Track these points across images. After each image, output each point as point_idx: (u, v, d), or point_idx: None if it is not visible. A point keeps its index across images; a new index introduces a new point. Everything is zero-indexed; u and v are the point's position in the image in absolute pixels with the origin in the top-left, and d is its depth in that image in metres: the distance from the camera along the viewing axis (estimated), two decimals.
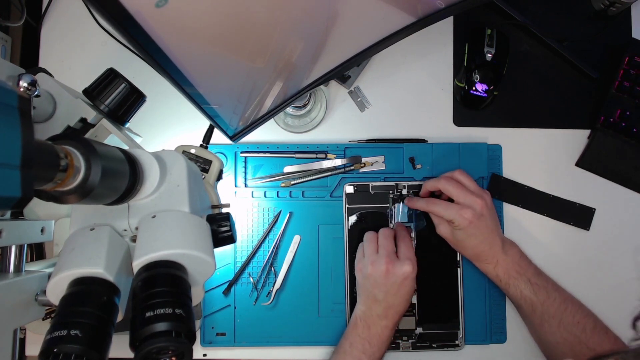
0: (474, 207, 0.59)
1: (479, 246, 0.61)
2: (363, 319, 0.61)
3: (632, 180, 0.69)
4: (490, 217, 0.61)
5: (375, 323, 0.60)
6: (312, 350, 0.67)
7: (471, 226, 0.59)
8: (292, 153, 0.69)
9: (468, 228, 0.59)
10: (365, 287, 0.61)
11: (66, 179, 0.29)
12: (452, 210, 0.59)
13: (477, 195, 0.60)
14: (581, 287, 0.64)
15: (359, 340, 0.60)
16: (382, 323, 0.60)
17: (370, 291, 0.60)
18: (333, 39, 0.51)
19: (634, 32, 0.72)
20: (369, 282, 0.60)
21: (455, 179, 0.62)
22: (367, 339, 0.60)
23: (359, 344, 0.60)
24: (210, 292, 0.67)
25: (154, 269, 0.34)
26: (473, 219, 0.59)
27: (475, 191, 0.61)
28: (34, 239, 0.45)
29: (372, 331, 0.60)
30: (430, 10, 0.56)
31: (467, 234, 0.60)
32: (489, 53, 0.67)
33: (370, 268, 0.60)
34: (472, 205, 0.59)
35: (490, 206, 0.61)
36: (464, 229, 0.59)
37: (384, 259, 0.59)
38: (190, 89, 0.43)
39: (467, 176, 0.62)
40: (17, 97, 0.26)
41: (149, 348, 0.30)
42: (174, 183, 0.39)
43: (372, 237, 0.64)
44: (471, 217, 0.58)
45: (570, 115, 0.71)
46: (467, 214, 0.58)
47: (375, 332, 0.60)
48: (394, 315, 0.60)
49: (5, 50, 0.71)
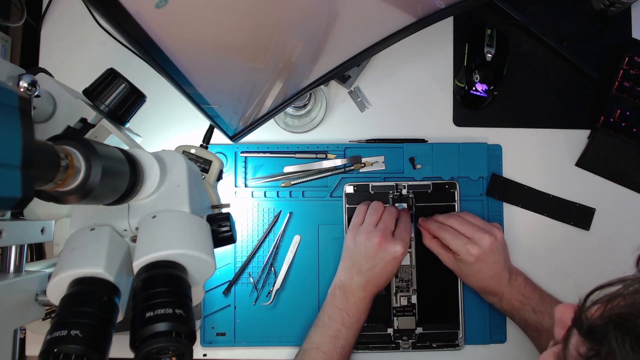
0: (481, 244, 0.59)
1: (484, 281, 0.61)
2: (342, 288, 0.61)
3: (632, 180, 0.69)
4: (499, 252, 0.60)
5: (354, 293, 0.61)
6: None
7: (478, 262, 0.59)
8: (292, 153, 0.69)
9: (475, 264, 0.59)
10: (352, 254, 0.61)
11: (66, 180, 0.29)
12: (459, 242, 0.59)
13: (485, 231, 0.60)
14: (581, 287, 0.64)
15: (337, 311, 0.60)
16: (361, 294, 0.60)
17: (357, 260, 0.61)
18: (333, 39, 0.51)
19: (634, 32, 0.72)
20: (358, 250, 0.61)
21: (463, 217, 0.62)
22: (345, 310, 0.60)
23: (338, 316, 0.60)
24: (210, 292, 0.67)
25: (154, 269, 0.34)
26: (481, 255, 0.58)
27: (484, 228, 0.61)
28: (34, 239, 0.45)
29: (350, 302, 0.60)
30: (430, 10, 0.56)
31: (474, 270, 0.60)
32: (489, 53, 0.67)
33: (364, 237, 0.60)
34: (479, 241, 0.59)
35: (501, 242, 0.61)
36: (471, 264, 0.59)
37: (379, 232, 0.60)
38: (190, 89, 0.43)
39: (474, 216, 0.63)
40: (18, 98, 0.26)
41: (149, 348, 0.30)
42: (174, 183, 0.39)
43: (377, 208, 0.64)
44: (477, 253, 0.58)
45: (570, 115, 0.71)
46: (473, 250, 0.58)
47: (354, 302, 0.60)
48: (372, 289, 0.61)
49: (5, 50, 0.71)
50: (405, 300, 0.67)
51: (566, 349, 0.31)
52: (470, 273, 0.60)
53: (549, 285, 0.64)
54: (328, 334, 0.60)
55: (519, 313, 0.61)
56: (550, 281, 0.65)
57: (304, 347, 0.60)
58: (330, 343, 0.59)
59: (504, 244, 0.62)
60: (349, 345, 0.60)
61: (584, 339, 0.29)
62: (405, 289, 0.67)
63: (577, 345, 0.30)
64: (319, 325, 0.61)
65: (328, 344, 0.59)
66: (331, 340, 0.59)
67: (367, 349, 0.66)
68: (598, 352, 0.28)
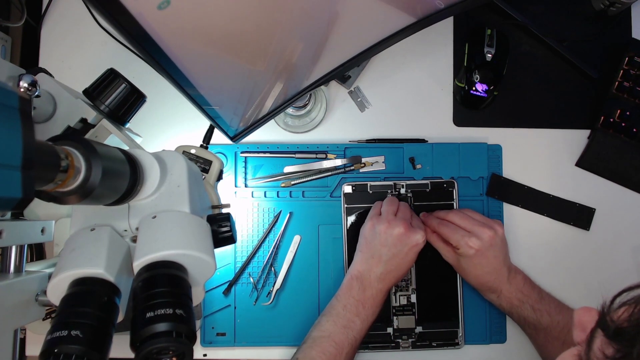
0: (481, 237, 0.59)
1: (484, 276, 0.61)
2: (359, 279, 0.60)
3: (632, 180, 0.69)
4: (499, 247, 0.60)
5: (372, 285, 0.60)
6: None
7: (477, 255, 0.59)
8: (292, 153, 0.69)
9: (474, 257, 0.59)
10: (372, 244, 0.60)
11: (67, 180, 0.29)
12: (458, 235, 0.59)
13: (486, 226, 0.60)
14: (581, 287, 0.64)
15: (353, 302, 0.59)
16: (379, 286, 0.60)
17: (378, 249, 0.60)
18: (333, 39, 0.51)
19: (634, 32, 0.72)
20: (378, 239, 0.60)
21: (463, 212, 0.63)
22: (361, 301, 0.59)
23: (353, 307, 0.59)
24: (211, 292, 0.67)
25: (155, 269, 0.34)
26: (480, 249, 0.58)
27: (484, 222, 0.61)
28: (34, 239, 0.45)
29: (367, 294, 0.60)
30: (430, 10, 0.56)
31: (473, 263, 0.60)
32: (489, 53, 0.67)
33: (385, 226, 0.59)
34: (479, 234, 0.59)
35: (501, 237, 0.61)
36: (470, 258, 0.59)
37: (402, 221, 0.59)
38: (191, 90, 0.43)
39: (475, 212, 0.64)
40: (18, 98, 0.26)
41: (150, 348, 0.30)
42: (174, 183, 0.39)
43: (393, 200, 0.64)
44: (477, 247, 0.58)
45: (570, 115, 0.71)
46: (472, 243, 0.58)
47: (371, 294, 0.60)
48: (390, 280, 0.60)
49: (5, 50, 0.71)
50: (404, 299, 0.67)
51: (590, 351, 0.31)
52: (469, 267, 0.60)
53: (549, 285, 0.64)
54: (341, 324, 0.59)
55: (517, 311, 0.61)
56: (550, 281, 0.65)
57: (314, 334, 0.59)
58: (343, 333, 0.58)
59: (504, 240, 0.61)
60: (360, 337, 0.59)
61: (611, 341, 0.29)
62: (404, 288, 0.67)
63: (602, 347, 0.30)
64: (332, 314, 0.60)
65: (340, 334, 0.58)
66: (343, 330, 0.58)
67: (367, 348, 0.66)
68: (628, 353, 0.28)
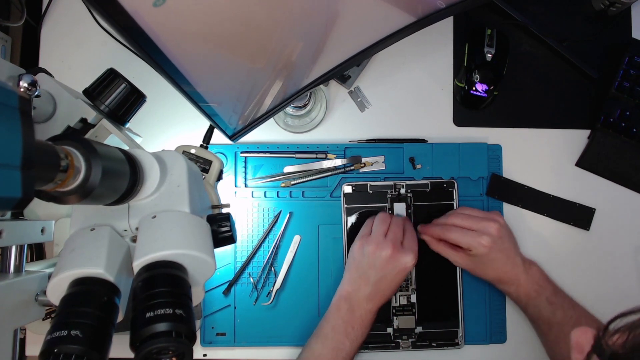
0: (490, 232, 0.59)
1: (501, 269, 0.61)
2: (348, 299, 0.60)
3: (632, 180, 0.69)
4: (508, 237, 0.60)
5: (361, 305, 0.59)
6: None
7: (491, 251, 0.59)
8: (292, 153, 0.69)
9: (489, 254, 0.59)
10: (360, 264, 0.60)
11: (67, 180, 0.29)
12: (468, 237, 0.59)
13: (489, 220, 0.60)
14: (581, 287, 0.64)
15: (342, 324, 0.59)
16: (367, 306, 0.60)
17: (365, 271, 0.60)
18: (333, 38, 0.51)
19: (634, 32, 0.72)
20: (366, 260, 0.59)
21: (462, 212, 0.62)
22: (350, 322, 0.59)
23: (342, 328, 0.59)
24: (211, 292, 0.67)
25: (154, 269, 0.34)
26: (492, 245, 0.58)
27: (486, 217, 0.61)
28: (34, 239, 0.45)
29: (355, 315, 0.59)
30: (430, 10, 0.56)
31: (489, 259, 0.60)
32: (489, 53, 0.67)
33: (374, 247, 0.59)
34: (488, 230, 0.59)
35: (505, 226, 0.61)
36: (484, 256, 0.59)
37: (390, 243, 0.59)
38: (188, 88, 0.43)
39: (471, 208, 0.63)
40: (18, 98, 0.26)
41: (150, 348, 0.30)
42: (174, 183, 0.39)
43: (384, 218, 0.63)
44: (489, 243, 0.58)
45: (570, 115, 0.71)
46: (484, 241, 0.58)
47: (359, 315, 0.59)
48: (379, 300, 0.60)
49: (5, 50, 0.71)
50: (404, 299, 0.67)
51: None
52: (486, 265, 0.60)
53: None
54: (330, 346, 0.59)
55: (534, 303, 0.61)
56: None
57: (304, 356, 0.60)
58: (332, 356, 0.58)
59: (508, 229, 0.62)
60: (349, 358, 0.60)
61: None
62: (404, 288, 0.67)
63: None
64: (320, 335, 0.60)
65: (330, 356, 0.58)
66: (333, 352, 0.58)
67: (367, 348, 0.66)
68: None
